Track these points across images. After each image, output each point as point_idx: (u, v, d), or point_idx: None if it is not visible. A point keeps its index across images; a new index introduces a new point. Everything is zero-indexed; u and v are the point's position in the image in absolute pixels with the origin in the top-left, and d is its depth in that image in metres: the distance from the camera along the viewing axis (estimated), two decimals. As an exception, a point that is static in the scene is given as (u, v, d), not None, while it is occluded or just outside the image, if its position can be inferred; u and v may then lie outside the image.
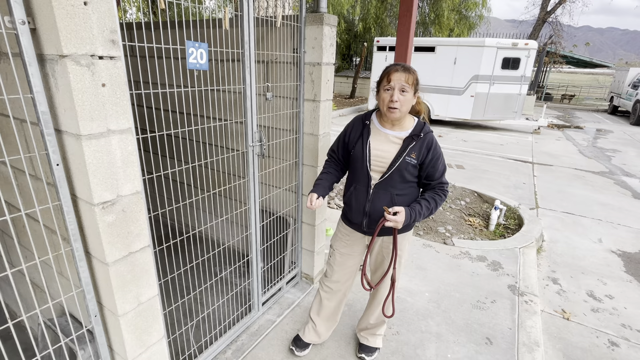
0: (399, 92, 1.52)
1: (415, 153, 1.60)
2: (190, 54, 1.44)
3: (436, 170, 1.63)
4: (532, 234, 3.61)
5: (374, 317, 2.00)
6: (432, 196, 1.65)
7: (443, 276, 2.88)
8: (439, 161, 1.64)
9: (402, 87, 1.52)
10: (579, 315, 2.64)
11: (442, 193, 1.66)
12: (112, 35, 1.04)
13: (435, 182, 1.66)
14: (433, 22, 13.97)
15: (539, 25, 17.69)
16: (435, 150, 1.62)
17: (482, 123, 10.88)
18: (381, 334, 2.06)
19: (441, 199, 1.66)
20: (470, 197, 4.70)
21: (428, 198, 1.64)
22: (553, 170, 6.36)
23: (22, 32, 0.93)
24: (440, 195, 1.66)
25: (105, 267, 1.19)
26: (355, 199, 1.71)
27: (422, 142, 1.61)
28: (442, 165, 1.66)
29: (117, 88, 1.09)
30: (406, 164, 1.60)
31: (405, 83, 1.52)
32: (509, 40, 9.23)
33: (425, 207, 1.62)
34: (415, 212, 1.59)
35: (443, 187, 1.66)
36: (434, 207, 1.64)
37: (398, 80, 1.52)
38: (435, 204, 1.64)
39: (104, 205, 1.12)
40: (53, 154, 1.05)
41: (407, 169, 1.60)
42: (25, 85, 1.00)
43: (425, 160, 1.61)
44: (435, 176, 1.64)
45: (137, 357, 1.36)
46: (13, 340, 1.74)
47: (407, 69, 1.54)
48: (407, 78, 1.52)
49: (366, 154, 1.64)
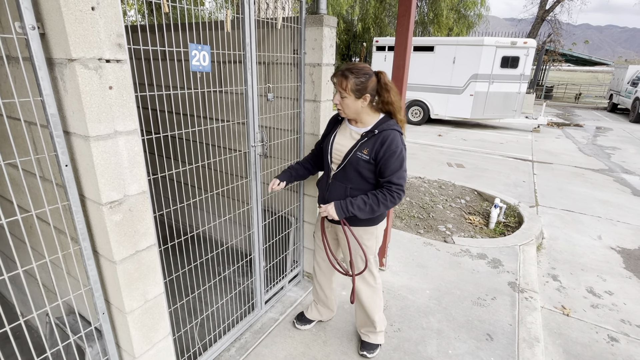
0: (339, 96, 1.64)
1: (367, 149, 1.64)
2: (193, 56, 1.47)
3: (387, 168, 1.61)
4: (532, 231, 3.64)
5: (360, 310, 2.04)
6: (374, 193, 1.65)
7: (444, 274, 2.91)
8: (392, 159, 1.59)
9: (340, 92, 1.63)
10: (579, 311, 2.66)
11: (388, 192, 1.62)
12: (119, 39, 1.07)
13: (384, 179, 1.63)
14: (432, 21, 14.00)
15: (538, 23, 17.72)
16: (389, 148, 1.59)
17: (481, 122, 10.91)
18: (381, 330, 2.08)
19: (385, 198, 1.62)
20: (470, 196, 4.73)
21: (369, 193, 1.67)
22: (553, 168, 6.38)
23: (32, 37, 0.96)
24: (384, 194, 1.62)
25: (112, 266, 1.22)
26: (320, 186, 1.89)
27: (376, 139, 1.64)
28: (395, 165, 1.60)
29: (123, 90, 1.12)
30: (357, 159, 1.66)
31: (341, 89, 1.61)
32: (508, 39, 9.26)
33: (361, 200, 1.64)
34: (347, 203, 1.66)
35: (391, 187, 1.62)
36: (373, 204, 1.63)
37: (338, 85, 1.63)
38: (377, 200, 1.62)
39: (111, 205, 1.15)
40: (62, 155, 1.08)
41: (359, 163, 1.66)
42: (35, 89, 1.02)
43: (378, 156, 1.62)
44: (385, 174, 1.62)
45: (143, 353, 1.39)
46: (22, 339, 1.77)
47: (344, 75, 1.59)
48: (341, 82, 1.60)
49: (328, 146, 1.79)
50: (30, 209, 1.17)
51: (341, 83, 1.60)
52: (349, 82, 1.58)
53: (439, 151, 7.40)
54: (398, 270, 2.93)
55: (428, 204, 4.32)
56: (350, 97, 1.61)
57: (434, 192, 4.67)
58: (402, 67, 2.39)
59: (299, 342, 2.14)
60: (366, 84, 1.60)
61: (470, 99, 9.61)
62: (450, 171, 5.94)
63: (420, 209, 4.20)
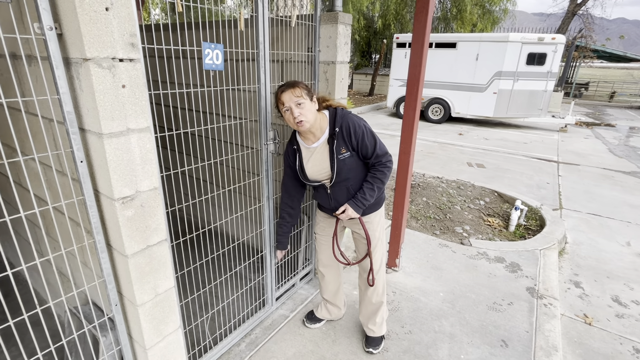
0: (295, 107, 1.58)
1: (343, 147, 1.68)
2: (206, 55, 1.49)
3: (367, 149, 1.67)
4: (554, 235, 3.50)
5: (366, 301, 2.08)
6: (372, 175, 1.73)
7: (459, 277, 2.84)
8: (365, 138, 1.65)
9: (296, 102, 1.59)
10: (602, 320, 2.54)
11: (382, 167, 1.70)
12: (132, 39, 1.10)
13: (371, 159, 1.70)
14: (455, 17, 13.64)
15: (568, 18, 16.96)
16: (356, 132, 1.65)
17: (505, 121, 10.57)
18: (383, 318, 2.10)
19: (383, 174, 1.71)
20: (490, 197, 4.60)
21: (369, 179, 1.73)
22: (579, 170, 6.11)
23: (50, 38, 1.00)
24: (381, 170, 1.70)
25: (124, 259, 1.26)
26: (320, 198, 1.89)
27: (341, 134, 1.67)
28: (370, 141, 1.67)
29: (136, 89, 1.14)
30: (342, 162, 1.69)
31: (296, 97, 1.59)
32: (535, 34, 8.91)
33: (368, 189, 1.72)
34: (359, 199, 1.73)
35: (380, 160, 1.69)
36: (378, 184, 1.72)
37: (289, 100, 1.58)
38: (379, 180, 1.71)
39: (123, 201, 1.19)
40: (77, 151, 1.12)
41: (346, 163, 1.69)
42: (52, 87, 1.06)
43: (354, 145, 1.67)
44: (369, 154, 1.68)
45: (154, 345, 1.43)
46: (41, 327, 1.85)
47: (291, 85, 1.61)
48: (294, 92, 1.59)
49: (306, 176, 1.78)
50: (48, 202, 1.22)
51: (293, 92, 1.58)
52: (299, 87, 1.60)
53: (459, 150, 7.23)
54: (412, 272, 2.89)
55: (445, 204, 4.23)
56: (307, 100, 1.60)
57: (451, 193, 4.57)
58: (419, 66, 2.34)
59: (308, 340, 2.15)
60: (309, 86, 1.67)
61: (493, 97, 9.32)
62: (470, 171, 5.79)
63: (437, 209, 4.11)
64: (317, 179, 1.78)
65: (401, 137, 2.56)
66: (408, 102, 2.47)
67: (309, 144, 1.74)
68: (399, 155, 2.61)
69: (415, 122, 2.50)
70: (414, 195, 4.48)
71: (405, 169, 2.60)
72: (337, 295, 2.22)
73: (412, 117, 2.47)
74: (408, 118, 2.50)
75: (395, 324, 2.30)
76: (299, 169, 1.79)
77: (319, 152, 1.72)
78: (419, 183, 4.82)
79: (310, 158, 1.75)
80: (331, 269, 2.14)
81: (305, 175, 1.78)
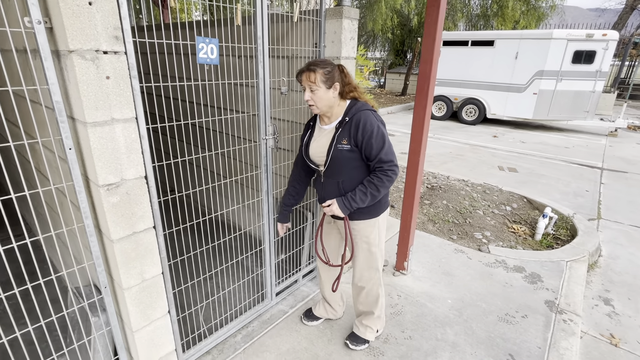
0: (309, 91, 1.61)
1: (345, 138, 1.63)
2: (200, 49, 1.52)
3: (371, 149, 1.60)
4: (586, 246, 3.22)
5: (355, 303, 2.08)
6: (370, 179, 1.65)
7: (471, 284, 2.70)
8: (373, 139, 1.58)
9: (309, 86, 1.59)
10: (631, 342, 2.30)
11: (382, 174, 1.61)
12: (116, 32, 1.14)
13: (374, 161, 1.62)
14: (496, 14, 12.96)
15: (627, 13, 15.56)
16: (365, 129, 1.58)
17: (545, 123, 9.91)
18: (371, 326, 2.05)
19: (381, 181, 1.61)
20: (518, 203, 4.32)
21: (365, 182, 1.66)
22: (627, 178, 5.58)
23: (39, 31, 1.06)
24: (380, 177, 1.61)
25: (111, 244, 1.32)
26: (317, 186, 1.87)
27: (349, 125, 1.62)
28: (378, 143, 1.59)
29: (120, 80, 1.19)
30: (339, 152, 1.64)
31: (311, 82, 1.58)
32: (583, 31, 8.25)
33: (361, 191, 1.65)
34: (348, 199, 1.67)
35: (382, 167, 1.61)
36: (373, 190, 1.64)
37: (305, 82, 1.61)
38: (375, 186, 1.63)
39: (108, 187, 1.24)
40: (66, 139, 1.18)
41: (343, 155, 1.64)
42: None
43: (357, 141, 1.61)
44: (372, 155, 1.61)
45: (141, 328, 1.49)
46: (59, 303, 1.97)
47: (309, 69, 1.59)
48: (309, 76, 1.58)
49: (306, 152, 1.79)
50: (50, 182, 1.31)
51: (309, 77, 1.59)
52: (317, 74, 1.58)
53: (491, 153, 6.87)
54: (421, 276, 2.79)
55: (467, 208, 4.03)
56: (321, 88, 1.60)
57: (475, 197, 4.35)
58: (430, 62, 2.25)
59: (303, 337, 2.14)
60: (333, 73, 1.62)
61: (533, 98, 8.76)
62: (501, 175, 5.48)
63: (457, 213, 3.94)
64: (315, 161, 1.78)
65: (411, 136, 2.47)
66: (418, 100, 2.38)
67: (322, 125, 1.77)
68: (408, 155, 2.52)
69: (426, 121, 2.40)
70: (434, 197, 4.32)
71: (414, 168, 2.51)
72: (335, 295, 2.19)
73: (423, 116, 2.38)
74: (418, 116, 2.41)
75: (395, 328, 2.23)
76: (305, 144, 1.81)
77: (326, 135, 1.72)
78: (441, 185, 4.64)
79: (318, 137, 1.76)
80: (327, 268, 2.11)
81: (307, 152, 1.80)
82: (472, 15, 14.28)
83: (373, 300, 1.99)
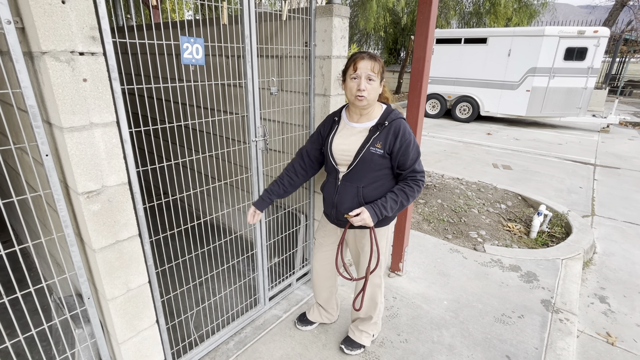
0: (365, 80, 1.49)
1: (380, 142, 1.55)
2: (185, 49, 1.47)
3: (408, 158, 1.56)
4: (580, 244, 3.21)
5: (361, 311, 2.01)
6: (401, 188, 1.60)
7: (467, 284, 2.67)
8: (410, 148, 1.56)
9: (368, 76, 1.49)
10: (628, 340, 2.29)
11: (414, 183, 1.59)
12: (93, 32, 1.09)
13: (406, 171, 1.59)
14: (488, 11, 12.98)
15: (617, 10, 15.68)
16: (404, 137, 1.55)
17: (539, 120, 9.95)
18: (367, 331, 2.01)
19: (413, 190, 1.59)
20: (512, 201, 4.32)
21: (396, 190, 1.61)
22: (619, 174, 5.61)
23: (8, 31, 1.00)
24: (412, 187, 1.59)
25: (93, 253, 1.26)
26: (327, 190, 1.75)
27: (387, 130, 1.56)
28: (414, 154, 1.57)
29: (99, 83, 1.13)
30: (371, 155, 1.56)
31: (372, 72, 1.49)
32: (575, 27, 8.28)
33: (392, 199, 1.59)
34: (379, 206, 1.58)
35: (415, 176, 1.59)
36: (404, 199, 1.59)
37: (364, 69, 1.49)
38: (406, 195, 1.59)
39: (88, 195, 1.18)
40: (42, 145, 1.13)
41: (373, 159, 1.56)
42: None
43: (394, 148, 1.55)
44: (407, 164, 1.57)
45: (127, 340, 1.43)
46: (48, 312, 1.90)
47: (373, 57, 1.50)
48: (373, 66, 1.49)
49: (329, 150, 1.67)
50: (36, 191, 1.25)
51: (373, 67, 1.49)
52: (378, 64, 1.51)
53: (486, 151, 6.87)
54: (416, 277, 2.75)
55: (461, 207, 4.01)
56: (377, 81, 1.52)
57: (470, 195, 4.33)
58: (423, 60, 2.21)
59: (297, 343, 2.09)
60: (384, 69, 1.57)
61: (526, 95, 8.78)
62: (495, 173, 5.48)
63: (452, 212, 3.91)
64: (336, 159, 1.65)
65: (405, 136, 2.44)
66: (412, 99, 2.34)
67: (351, 121, 1.65)
68: (402, 155, 2.49)
69: (420, 119, 2.37)
70: (429, 197, 4.29)
71: (408, 169, 2.47)
72: (330, 301, 2.15)
73: (416, 114, 2.34)
74: (412, 115, 2.37)
75: (391, 331, 2.20)
76: (329, 139, 1.68)
77: (356, 133, 1.62)
78: (436, 184, 4.62)
79: (345, 134, 1.64)
80: (323, 278, 2.04)
81: (330, 147, 1.65)
82: (464, 12, 14.31)
83: (373, 306, 1.94)
